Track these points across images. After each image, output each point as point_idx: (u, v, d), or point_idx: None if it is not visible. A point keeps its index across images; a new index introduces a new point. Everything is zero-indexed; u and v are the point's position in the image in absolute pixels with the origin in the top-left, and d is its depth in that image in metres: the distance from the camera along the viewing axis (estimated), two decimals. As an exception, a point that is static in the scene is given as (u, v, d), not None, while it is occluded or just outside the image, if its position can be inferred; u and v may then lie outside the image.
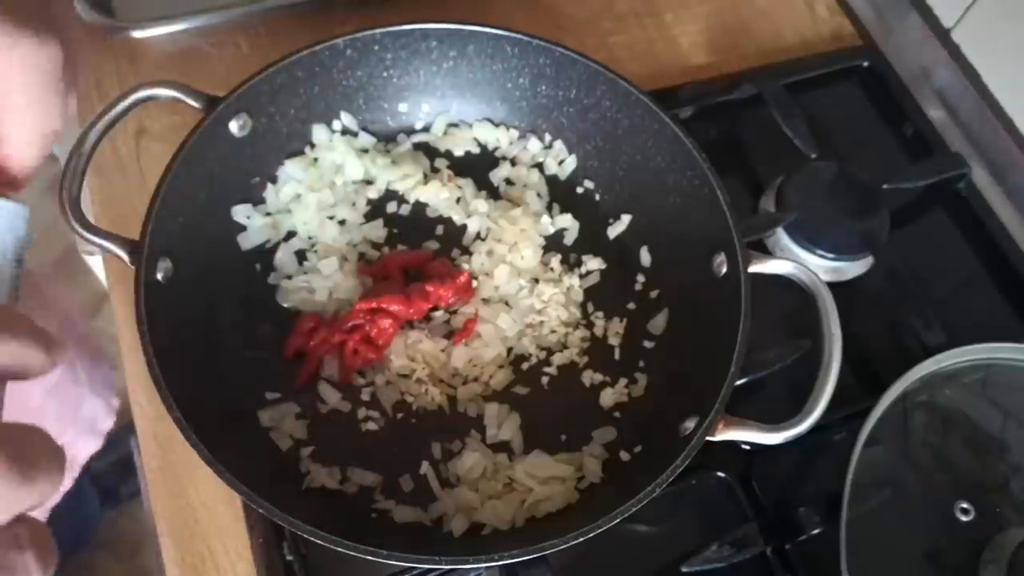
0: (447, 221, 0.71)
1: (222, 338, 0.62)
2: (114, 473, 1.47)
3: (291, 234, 0.69)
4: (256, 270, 0.67)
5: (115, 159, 0.73)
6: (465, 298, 0.67)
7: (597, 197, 0.74)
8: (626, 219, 0.72)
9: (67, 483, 0.70)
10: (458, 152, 0.74)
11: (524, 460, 0.62)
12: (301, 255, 0.68)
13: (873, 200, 0.73)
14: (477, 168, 0.74)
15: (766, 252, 0.70)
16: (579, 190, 0.74)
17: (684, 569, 0.60)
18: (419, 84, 0.72)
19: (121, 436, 1.54)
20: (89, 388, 0.98)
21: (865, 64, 0.86)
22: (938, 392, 0.63)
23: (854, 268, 0.73)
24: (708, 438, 0.54)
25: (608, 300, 0.69)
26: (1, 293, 0.31)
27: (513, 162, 0.74)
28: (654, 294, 0.69)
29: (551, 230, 0.72)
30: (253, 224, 0.68)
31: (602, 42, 0.85)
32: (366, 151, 0.72)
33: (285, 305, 0.66)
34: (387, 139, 0.74)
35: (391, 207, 0.72)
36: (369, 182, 0.72)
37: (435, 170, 0.73)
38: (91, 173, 0.59)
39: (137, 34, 0.77)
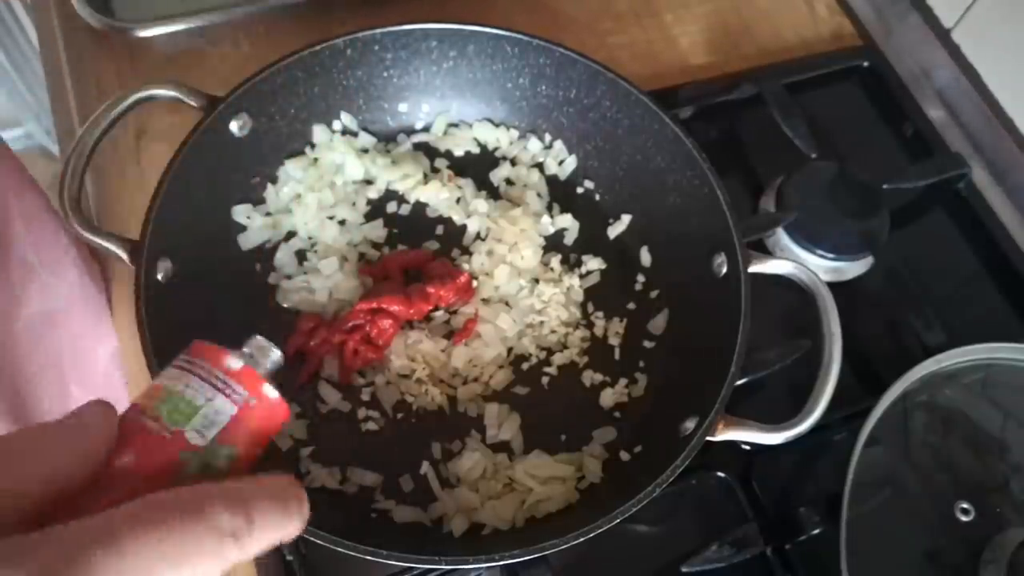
0: (447, 221, 0.71)
1: (222, 338, 0.62)
2: None
3: (291, 234, 0.69)
4: (256, 270, 0.67)
5: (115, 159, 0.73)
6: (465, 298, 0.67)
7: (597, 197, 0.74)
8: (626, 219, 0.72)
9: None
10: (458, 152, 0.74)
11: (524, 460, 0.62)
12: (301, 255, 0.68)
13: (873, 200, 0.73)
14: (477, 168, 0.74)
15: (766, 252, 0.70)
16: (579, 190, 0.74)
17: (684, 569, 0.60)
18: (419, 84, 0.72)
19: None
20: None
21: (865, 64, 0.86)
22: (938, 392, 0.63)
23: (854, 268, 0.73)
24: (708, 438, 0.54)
25: (608, 300, 0.69)
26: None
27: (513, 162, 0.74)
28: (654, 294, 0.69)
29: (551, 230, 0.72)
30: (253, 224, 0.68)
31: (602, 42, 0.85)
32: (366, 151, 0.72)
33: (285, 305, 0.66)
34: (387, 139, 0.74)
35: (391, 207, 0.72)
36: (369, 182, 0.72)
37: (435, 170, 0.73)
38: (91, 173, 0.59)
39: (137, 34, 0.77)
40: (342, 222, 0.70)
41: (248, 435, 0.34)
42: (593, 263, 0.70)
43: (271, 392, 0.35)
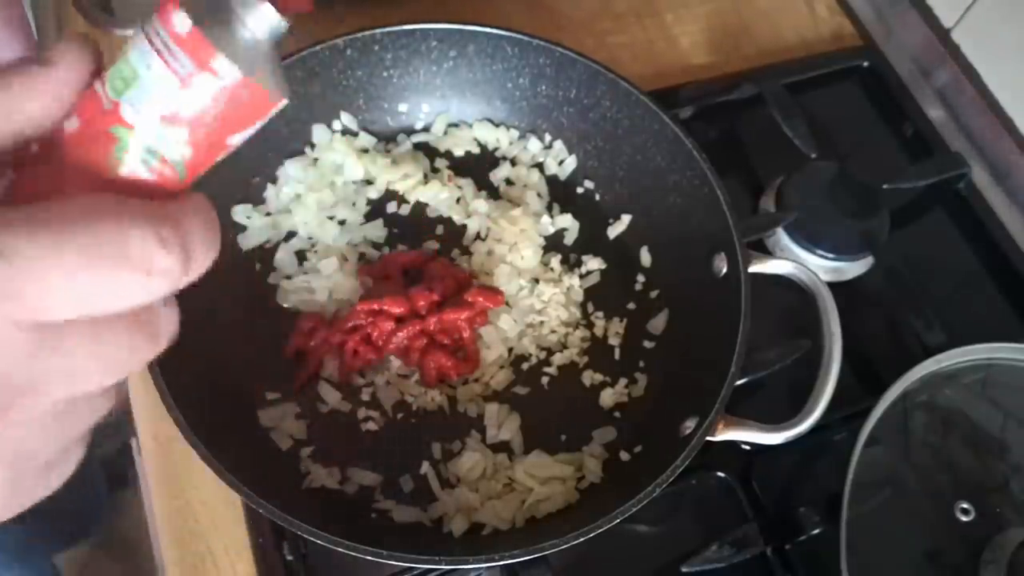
0: (447, 221, 0.71)
1: (222, 338, 0.62)
2: (122, 457, 1.48)
3: (291, 234, 0.69)
4: (256, 270, 0.67)
5: (115, 159, 0.73)
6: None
7: (597, 197, 0.74)
8: (626, 219, 0.72)
9: None
10: (458, 152, 0.74)
11: (524, 460, 0.62)
12: (301, 255, 0.68)
13: (873, 200, 0.73)
14: (477, 168, 0.74)
15: (766, 252, 0.70)
16: (579, 190, 0.74)
17: (684, 569, 0.60)
18: (419, 84, 0.72)
19: (124, 420, 1.56)
20: None
21: (865, 64, 0.86)
22: (938, 392, 0.63)
23: (854, 268, 0.73)
24: (708, 438, 0.54)
25: (608, 300, 0.69)
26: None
27: (513, 162, 0.74)
28: (654, 294, 0.69)
29: (551, 230, 0.72)
30: (253, 224, 0.68)
31: (601, 42, 0.85)
32: (366, 151, 0.72)
33: (285, 305, 0.66)
34: (387, 139, 0.74)
35: (391, 207, 0.71)
36: (369, 182, 0.72)
37: (435, 170, 0.73)
38: (91, 173, 0.59)
39: (137, 34, 0.77)
40: (342, 222, 0.70)
41: (201, 124, 0.26)
42: (593, 263, 0.70)
43: (230, 69, 0.25)
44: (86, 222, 0.22)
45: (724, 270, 0.62)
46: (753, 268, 0.60)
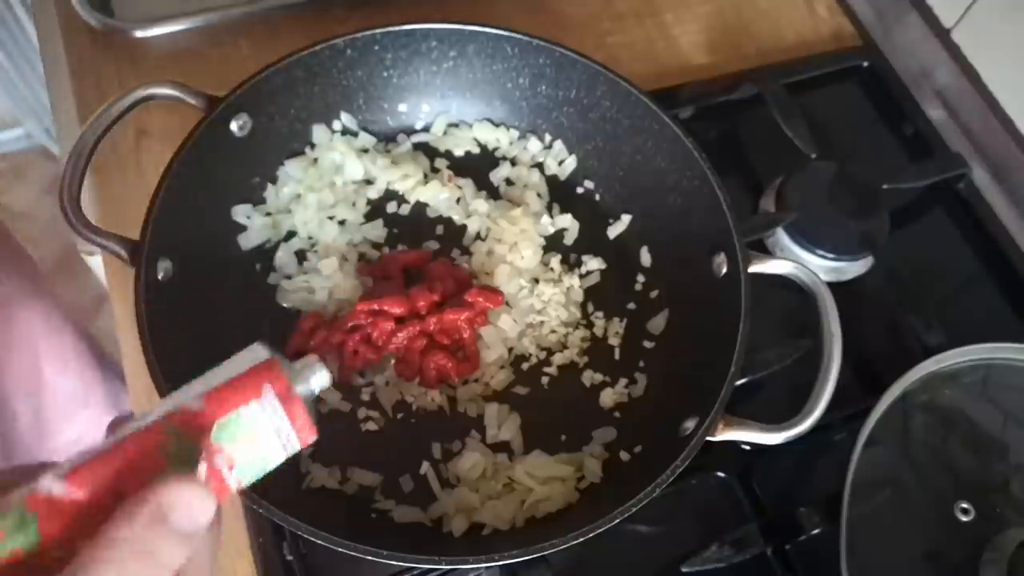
0: (447, 221, 0.71)
1: (222, 338, 0.62)
2: None
3: (291, 234, 0.69)
4: (256, 270, 0.67)
5: (115, 159, 0.73)
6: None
7: (597, 197, 0.74)
8: (626, 219, 0.72)
9: None
10: (458, 152, 0.74)
11: (524, 460, 0.62)
12: (301, 255, 0.68)
13: (873, 200, 0.73)
14: (477, 168, 0.74)
15: (766, 252, 0.70)
16: (579, 190, 0.74)
17: (684, 569, 0.60)
18: (419, 84, 0.72)
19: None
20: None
21: (865, 64, 0.86)
22: (938, 392, 0.63)
23: (854, 268, 0.73)
24: (708, 438, 0.54)
25: (608, 300, 0.69)
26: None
27: (513, 162, 0.74)
28: (654, 294, 0.69)
29: (551, 230, 0.72)
30: (253, 224, 0.68)
31: (602, 42, 0.85)
32: (366, 151, 0.72)
33: (285, 305, 0.66)
34: (387, 139, 0.74)
35: (391, 207, 0.72)
36: (369, 182, 0.72)
37: (435, 170, 0.73)
38: (91, 173, 0.59)
39: (137, 34, 0.77)
40: (342, 222, 0.70)
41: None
42: (593, 263, 0.70)
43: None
44: None
45: (724, 270, 0.62)
46: (753, 268, 0.60)
